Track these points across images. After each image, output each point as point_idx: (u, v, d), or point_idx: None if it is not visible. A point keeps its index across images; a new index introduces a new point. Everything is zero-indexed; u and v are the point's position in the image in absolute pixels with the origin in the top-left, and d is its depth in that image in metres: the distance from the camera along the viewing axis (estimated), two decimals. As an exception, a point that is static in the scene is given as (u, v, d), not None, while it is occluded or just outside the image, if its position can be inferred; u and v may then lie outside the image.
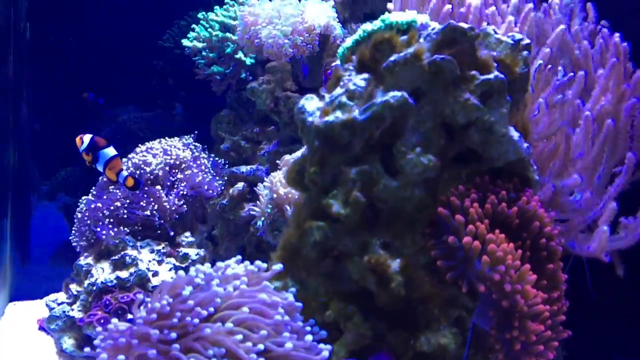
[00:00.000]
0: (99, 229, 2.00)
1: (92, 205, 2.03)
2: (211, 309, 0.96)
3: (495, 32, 1.17)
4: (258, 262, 1.11)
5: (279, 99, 1.98)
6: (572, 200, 1.36)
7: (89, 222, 2.03)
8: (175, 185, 2.11)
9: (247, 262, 1.11)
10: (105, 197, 2.05)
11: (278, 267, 1.08)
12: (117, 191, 2.04)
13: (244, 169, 2.25)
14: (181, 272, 1.05)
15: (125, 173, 1.88)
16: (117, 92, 3.74)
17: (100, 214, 2.01)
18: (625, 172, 1.24)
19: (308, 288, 1.09)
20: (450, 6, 1.44)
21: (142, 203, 2.00)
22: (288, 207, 1.63)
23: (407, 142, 1.05)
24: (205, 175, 2.14)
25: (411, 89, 1.07)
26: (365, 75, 1.09)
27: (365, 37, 1.16)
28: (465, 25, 1.06)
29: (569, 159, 1.32)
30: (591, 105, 1.33)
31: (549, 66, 1.32)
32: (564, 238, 1.33)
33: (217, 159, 2.27)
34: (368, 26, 1.16)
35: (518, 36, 1.16)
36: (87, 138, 1.87)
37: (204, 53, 2.31)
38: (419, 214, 1.05)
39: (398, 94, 1.04)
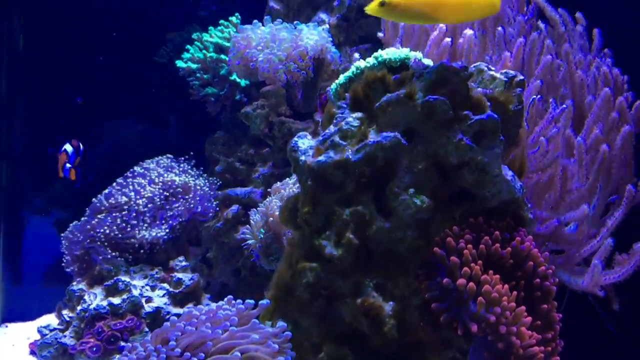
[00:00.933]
0: (91, 254, 1.98)
1: (85, 229, 2.01)
2: (202, 355, 0.95)
3: (489, 69, 1.17)
4: (249, 301, 1.09)
5: (273, 124, 1.97)
6: (568, 231, 1.35)
7: (81, 246, 2.02)
8: (169, 210, 2.10)
9: (238, 301, 1.10)
10: (96, 221, 2.04)
11: (265, 302, 1.08)
12: (110, 215, 2.03)
13: (238, 191, 2.24)
14: (173, 319, 1.04)
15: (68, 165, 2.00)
16: (111, 105, 3.73)
17: (93, 238, 1.99)
18: (625, 206, 1.24)
19: (301, 328, 1.08)
20: (449, 39, 1.43)
21: (134, 230, 1.99)
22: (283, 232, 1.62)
23: (400, 182, 1.04)
24: (199, 199, 2.13)
25: (404, 129, 1.06)
26: (358, 114, 1.09)
27: (359, 74, 1.15)
28: (458, 65, 1.06)
29: (565, 190, 1.32)
30: (584, 135, 1.33)
31: (538, 96, 1.32)
32: (561, 270, 1.32)
33: (211, 178, 2.26)
34: (361, 63, 1.16)
35: (511, 73, 1.16)
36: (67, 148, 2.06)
37: (198, 75, 2.31)
38: (412, 255, 1.04)
39: (391, 134, 1.04)
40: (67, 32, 3.73)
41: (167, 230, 2.01)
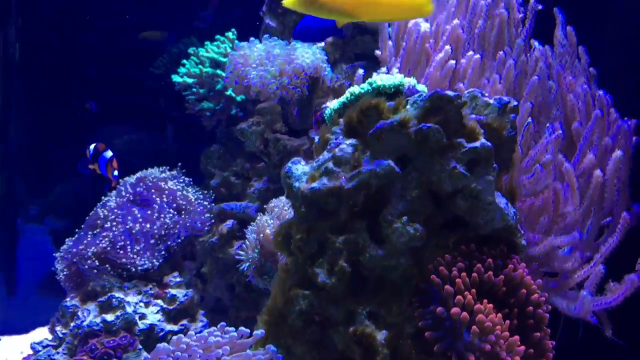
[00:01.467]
0: (86, 270, 1.98)
1: (80, 244, 2.01)
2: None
3: (483, 95, 1.17)
4: (242, 329, 1.09)
5: (269, 140, 1.97)
6: (561, 254, 1.36)
7: (75, 261, 2.01)
8: (163, 222, 2.09)
9: (231, 329, 1.09)
10: (91, 237, 2.03)
11: (259, 332, 1.07)
12: (106, 230, 2.02)
13: (234, 205, 2.23)
14: (164, 344, 1.03)
15: (116, 173, 2.02)
16: (108, 112, 3.73)
17: (88, 254, 1.99)
18: (620, 233, 1.24)
19: (294, 355, 1.08)
20: (454, 62, 1.44)
21: (126, 249, 1.98)
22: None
23: (394, 210, 1.04)
24: (194, 214, 2.13)
25: (398, 156, 1.06)
26: (352, 141, 1.09)
27: (353, 100, 1.15)
28: (451, 93, 1.06)
29: (558, 215, 1.32)
30: (577, 160, 1.33)
31: (529, 120, 1.33)
32: (555, 295, 1.33)
33: (206, 192, 2.26)
34: (355, 88, 1.16)
35: (505, 99, 1.16)
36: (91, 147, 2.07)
37: (194, 89, 2.31)
38: (405, 283, 1.04)
39: (384, 162, 1.04)
40: (63, 41, 3.74)
41: (163, 252, 2.02)
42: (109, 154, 2.05)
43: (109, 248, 1.99)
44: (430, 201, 1.06)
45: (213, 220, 2.20)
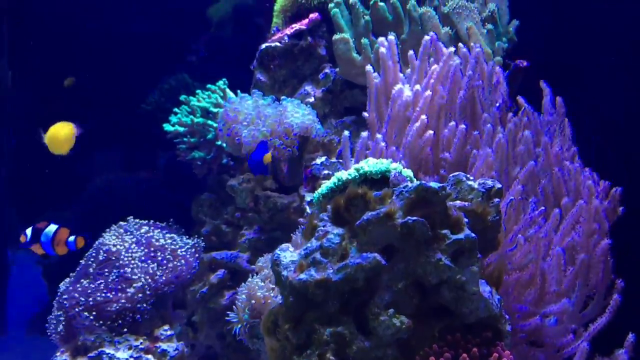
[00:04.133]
0: (74, 322, 1.98)
1: (69, 297, 2.00)
2: None
3: (467, 179, 1.20)
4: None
5: (259, 197, 1.99)
6: (548, 324, 1.38)
7: (64, 312, 2.01)
8: (153, 273, 2.10)
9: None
10: (81, 288, 2.03)
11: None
12: (95, 282, 2.02)
13: (224, 254, 2.24)
14: None
15: (72, 238, 1.90)
16: (98, 148, 3.74)
17: (77, 307, 1.99)
18: (610, 314, 1.27)
19: None
20: (432, 132, 1.46)
21: (117, 296, 1.98)
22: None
23: (381, 301, 1.06)
24: (185, 264, 2.13)
25: (384, 246, 1.08)
26: (340, 230, 1.11)
27: (340, 186, 1.17)
28: (435, 186, 1.08)
29: (544, 291, 1.34)
30: (560, 239, 1.36)
31: (511, 197, 1.35)
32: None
33: (197, 240, 2.26)
34: (343, 174, 1.18)
35: (489, 183, 1.19)
36: (28, 232, 1.91)
37: (185, 139, 2.32)
38: (392, 374, 1.05)
39: (371, 256, 1.05)
40: (56, 71, 3.76)
41: (154, 302, 2.02)
42: (51, 228, 1.90)
43: (100, 299, 1.99)
44: (417, 292, 1.08)
45: (198, 267, 2.20)
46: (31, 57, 3.58)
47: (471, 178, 1.20)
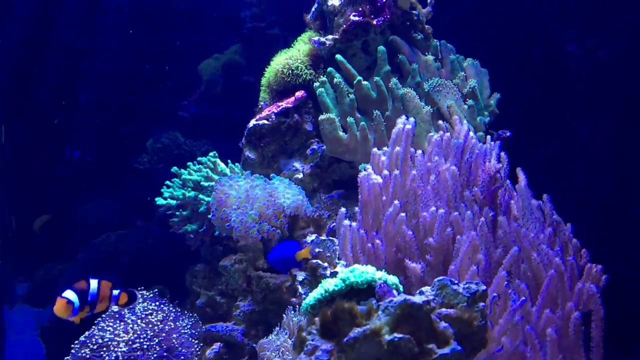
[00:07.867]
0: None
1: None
2: None
3: (452, 283, 1.22)
4: None
5: (252, 278, 2.01)
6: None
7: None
8: (148, 350, 2.10)
9: None
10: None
11: None
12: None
13: (219, 327, 2.25)
14: None
15: (115, 292, 1.65)
16: (90, 204, 3.77)
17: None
18: None
19: None
20: (404, 214, 1.49)
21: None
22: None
23: (370, 419, 1.08)
24: (182, 341, 2.14)
25: (372, 361, 1.10)
26: (328, 346, 1.13)
27: (327, 297, 1.20)
28: (419, 300, 1.11)
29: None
30: (537, 318, 1.39)
31: (495, 294, 1.38)
32: None
33: (192, 315, 2.27)
34: (330, 285, 1.20)
35: (473, 287, 1.22)
36: (72, 296, 1.59)
37: (177, 213, 2.35)
38: None
39: (359, 375, 1.07)
40: (46, 126, 3.82)
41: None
42: (94, 287, 1.66)
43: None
44: (405, 408, 1.10)
45: (201, 344, 2.21)
46: (23, 111, 3.63)
47: (456, 282, 1.22)
